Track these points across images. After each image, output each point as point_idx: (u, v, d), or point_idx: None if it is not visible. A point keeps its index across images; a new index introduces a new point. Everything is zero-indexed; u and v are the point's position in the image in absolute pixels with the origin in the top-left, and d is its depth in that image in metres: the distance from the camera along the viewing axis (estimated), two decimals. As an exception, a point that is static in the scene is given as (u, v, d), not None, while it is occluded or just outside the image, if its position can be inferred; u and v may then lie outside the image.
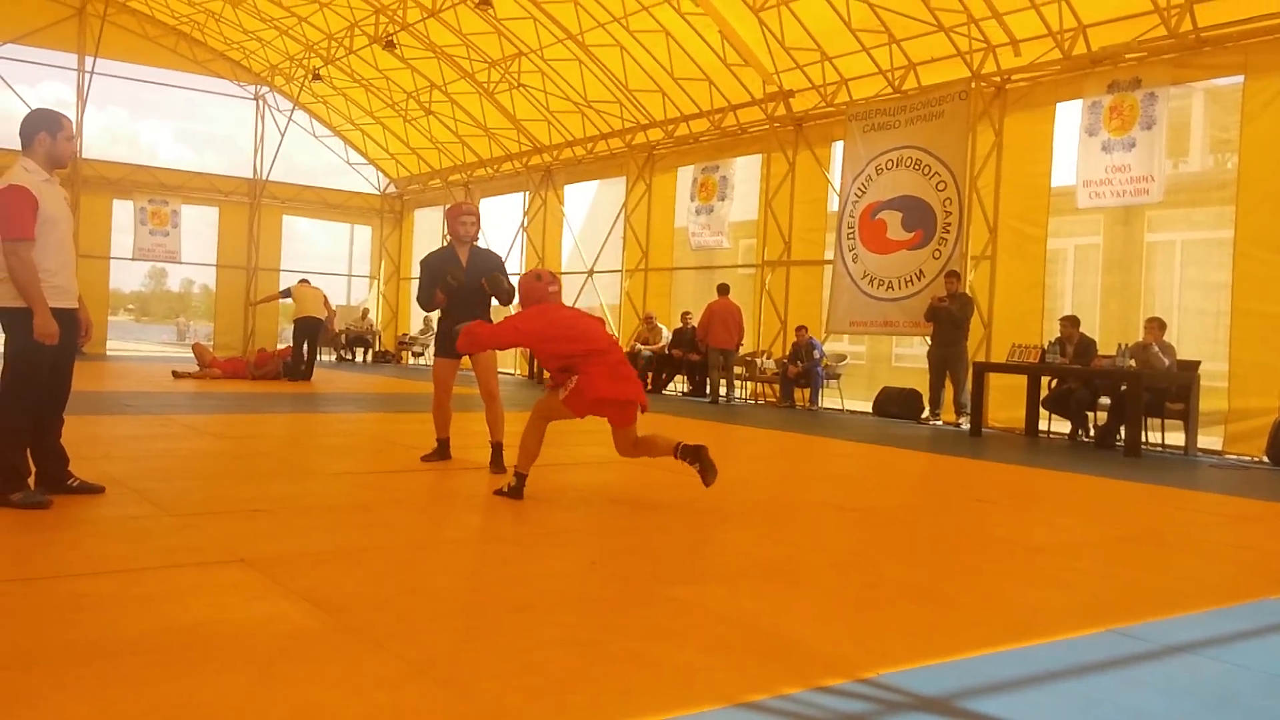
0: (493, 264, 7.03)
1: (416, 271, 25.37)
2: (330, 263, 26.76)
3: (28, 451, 4.93)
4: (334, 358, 24.14)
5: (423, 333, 24.41)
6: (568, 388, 5.76)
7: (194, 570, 3.85)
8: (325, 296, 16.64)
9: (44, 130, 4.84)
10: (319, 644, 3.06)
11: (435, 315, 7.34)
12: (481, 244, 7.39)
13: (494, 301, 7.00)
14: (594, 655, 3.06)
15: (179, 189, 23.13)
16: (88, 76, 21.50)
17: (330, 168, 25.68)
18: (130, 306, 63.48)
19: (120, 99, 58.61)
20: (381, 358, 24.63)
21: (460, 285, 6.75)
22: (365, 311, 25.17)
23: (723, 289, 15.47)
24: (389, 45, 18.63)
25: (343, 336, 24.21)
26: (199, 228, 23.96)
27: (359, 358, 24.34)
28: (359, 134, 24.77)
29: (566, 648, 3.11)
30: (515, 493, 5.76)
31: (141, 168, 23.02)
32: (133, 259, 22.73)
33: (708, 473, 5.59)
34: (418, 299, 7.12)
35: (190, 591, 3.55)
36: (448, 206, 7.06)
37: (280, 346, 19.05)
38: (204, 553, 4.14)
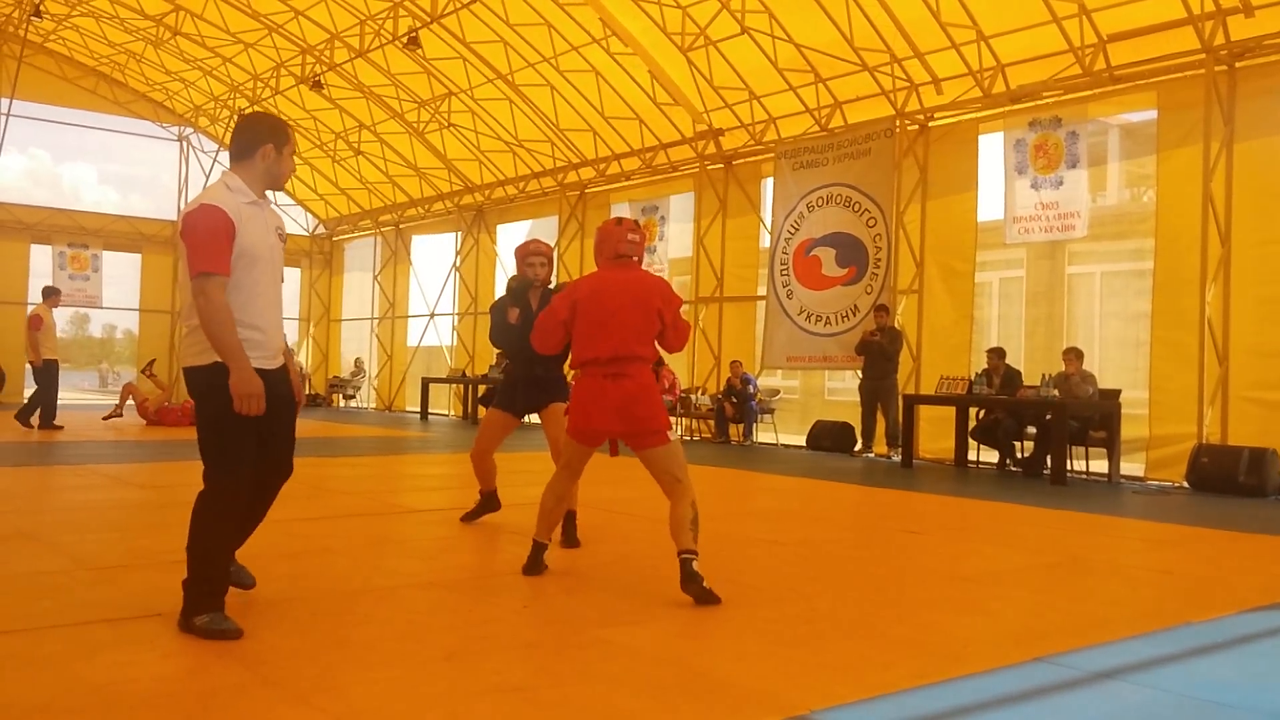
0: None
1: (348, 314, 25.27)
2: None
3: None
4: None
5: (354, 374, 24.08)
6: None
7: (108, 626, 3.71)
8: (34, 318, 13.74)
9: (271, 142, 3.87)
10: (239, 700, 2.96)
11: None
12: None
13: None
14: (523, 702, 3.00)
15: (99, 232, 22.62)
16: (4, 119, 20.99)
17: (259, 209, 25.36)
18: (51, 353, 61.73)
19: (42, 141, 57.50)
20: (312, 401, 24.20)
21: (521, 291, 5.99)
22: (292, 354, 24.76)
23: None
24: (316, 86, 18.50)
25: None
26: (122, 271, 23.45)
27: (289, 401, 23.88)
28: (287, 175, 24.48)
29: (495, 695, 3.05)
30: (532, 566, 4.81)
31: (61, 211, 22.49)
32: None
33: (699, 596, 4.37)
34: (490, 338, 6.25)
35: (103, 648, 3.42)
36: (516, 246, 6.22)
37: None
38: (119, 607, 4.00)
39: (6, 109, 20.94)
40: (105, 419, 15.49)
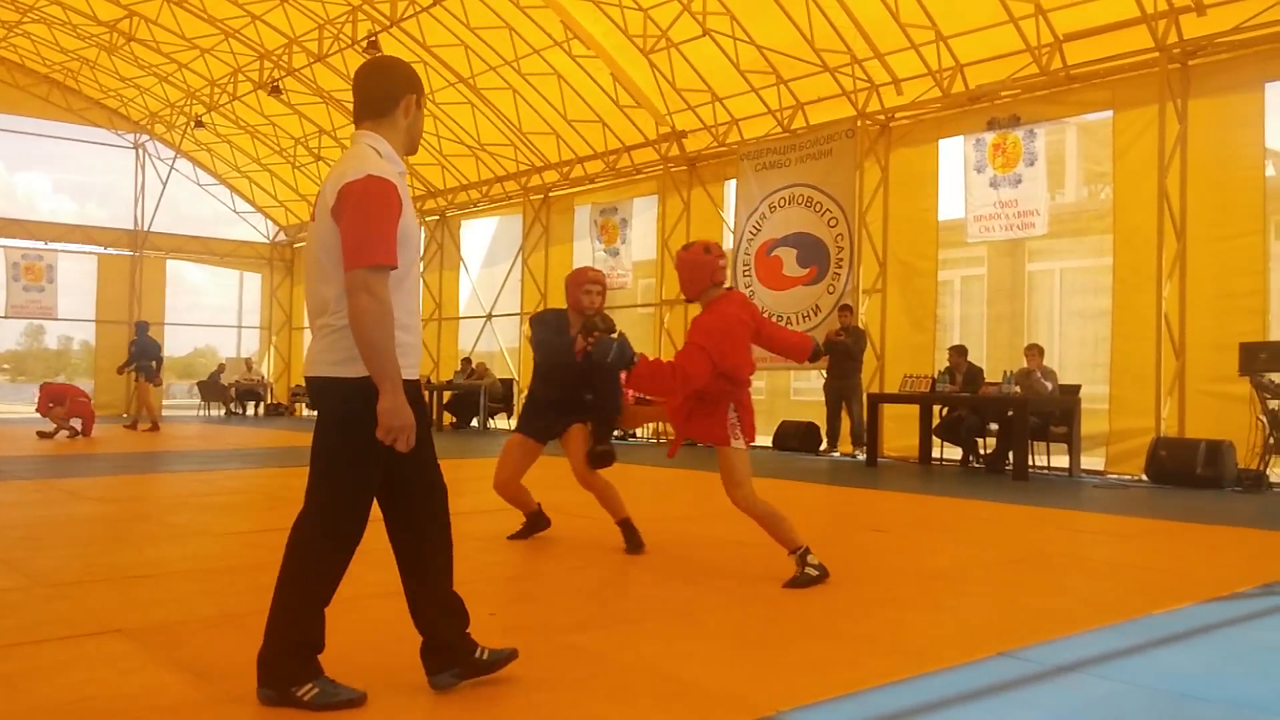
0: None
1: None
2: (220, 314, 26.11)
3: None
4: (223, 412, 23.44)
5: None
6: (736, 430, 4.76)
7: (66, 644, 3.65)
8: None
9: (414, 93, 3.13)
10: (202, 715, 2.92)
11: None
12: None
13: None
14: (491, 709, 2.99)
15: (54, 242, 22.23)
16: (-45, 127, 20.63)
17: (218, 217, 25.08)
18: (5, 366, 60.70)
19: (-7, 150, 56.32)
20: (274, 410, 23.99)
21: (607, 332, 4.92)
22: (250, 363, 24.42)
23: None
24: (275, 91, 18.32)
25: (232, 389, 23.52)
26: (77, 280, 23.07)
27: (250, 411, 23.65)
28: (246, 181, 24.26)
29: (462, 703, 3.03)
30: (821, 572, 4.73)
31: (14, 221, 22.08)
32: (5, 316, 21.67)
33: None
34: (541, 359, 5.72)
35: (62, 667, 3.36)
36: (569, 274, 5.81)
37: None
38: (77, 624, 3.93)
39: (-43, 118, 20.60)
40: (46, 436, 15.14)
